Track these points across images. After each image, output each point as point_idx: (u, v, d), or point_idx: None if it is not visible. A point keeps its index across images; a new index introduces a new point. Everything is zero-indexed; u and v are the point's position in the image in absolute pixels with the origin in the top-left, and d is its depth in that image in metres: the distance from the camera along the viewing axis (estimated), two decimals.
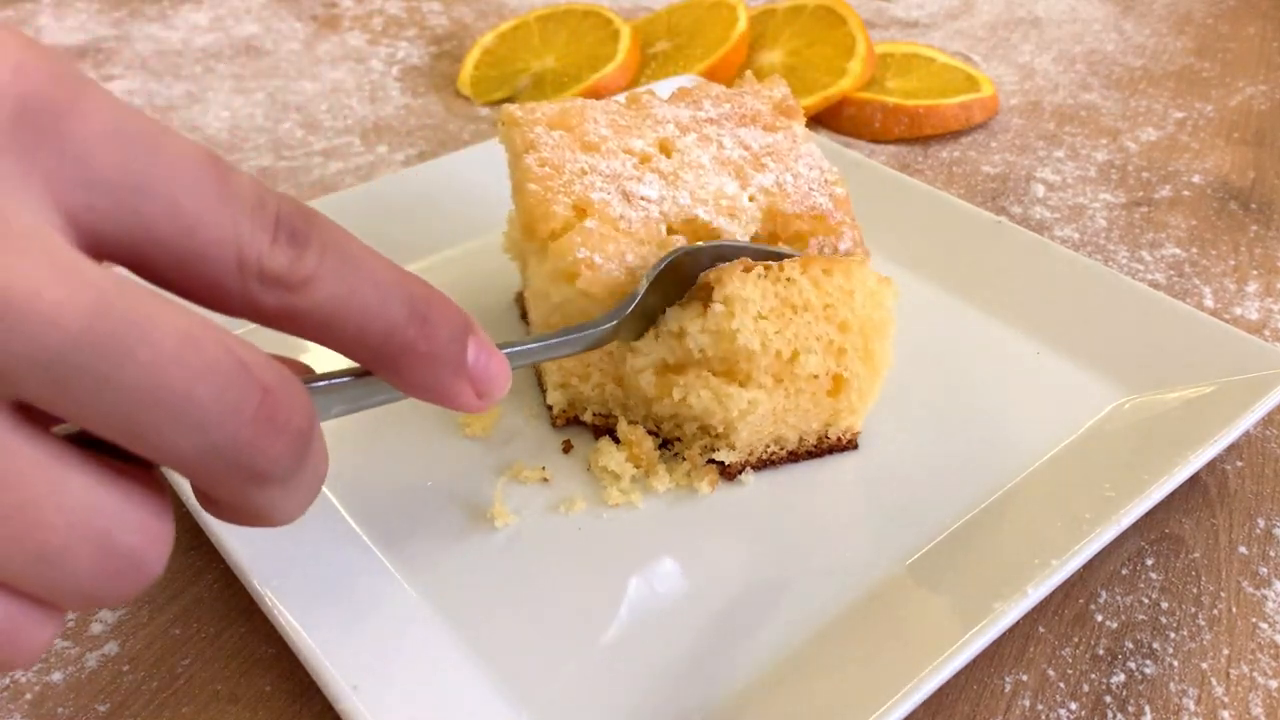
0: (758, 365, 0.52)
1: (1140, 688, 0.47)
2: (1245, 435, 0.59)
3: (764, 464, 0.56)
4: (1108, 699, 0.47)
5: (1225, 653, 0.49)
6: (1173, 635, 0.49)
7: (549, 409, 0.59)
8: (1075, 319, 0.63)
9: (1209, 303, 0.72)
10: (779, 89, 0.63)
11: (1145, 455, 0.53)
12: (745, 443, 0.54)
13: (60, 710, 0.46)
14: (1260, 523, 0.55)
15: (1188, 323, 0.60)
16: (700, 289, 0.52)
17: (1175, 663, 0.48)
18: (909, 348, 0.62)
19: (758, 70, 0.98)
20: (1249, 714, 0.46)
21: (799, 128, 0.60)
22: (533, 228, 0.54)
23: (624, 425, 0.56)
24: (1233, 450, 0.59)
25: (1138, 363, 0.60)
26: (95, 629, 0.50)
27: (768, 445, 0.55)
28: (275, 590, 0.46)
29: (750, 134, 0.59)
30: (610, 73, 0.97)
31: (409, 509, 0.53)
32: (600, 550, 0.51)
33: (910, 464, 0.56)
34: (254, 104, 1.00)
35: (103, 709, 0.46)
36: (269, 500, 0.31)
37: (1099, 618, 0.50)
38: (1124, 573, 0.52)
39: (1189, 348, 0.59)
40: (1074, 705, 0.46)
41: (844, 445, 0.57)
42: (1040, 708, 0.46)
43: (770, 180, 0.56)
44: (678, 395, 0.53)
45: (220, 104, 1.00)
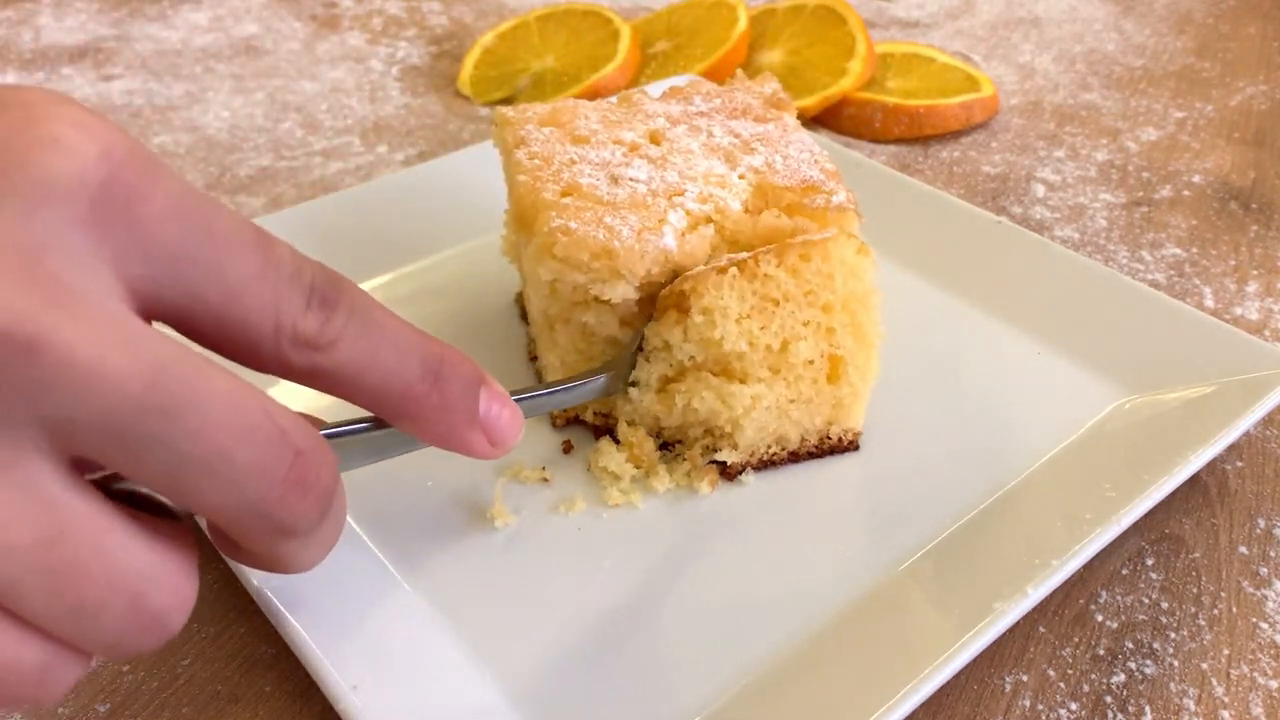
0: (751, 362, 0.52)
1: (1140, 688, 0.47)
2: (1245, 435, 0.59)
3: (765, 465, 0.56)
4: (1108, 699, 0.47)
5: (1225, 653, 0.49)
6: (1173, 635, 0.49)
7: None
8: (1075, 319, 0.63)
9: (1209, 303, 0.72)
10: (769, 85, 0.63)
11: (1145, 455, 0.53)
12: (748, 442, 0.54)
13: (60, 710, 0.46)
14: (1260, 523, 0.55)
15: (1188, 323, 0.60)
16: (672, 296, 0.52)
17: (1175, 663, 0.48)
18: (909, 348, 0.62)
19: (756, 70, 0.98)
20: (1249, 714, 0.46)
21: (790, 119, 0.60)
22: (522, 216, 0.54)
23: (624, 427, 0.56)
24: (1233, 450, 0.59)
25: (1138, 363, 0.60)
26: None
27: (769, 445, 0.55)
28: (275, 590, 0.46)
29: (740, 125, 0.59)
30: (610, 73, 0.97)
31: (409, 509, 0.53)
32: (600, 550, 0.51)
33: (910, 464, 0.56)
34: (254, 104, 1.00)
35: (103, 709, 0.46)
36: (291, 551, 0.35)
37: (1099, 618, 0.50)
38: (1124, 573, 0.52)
39: (1189, 348, 0.59)
40: (1074, 705, 0.46)
41: (846, 446, 0.57)
42: (1040, 708, 0.46)
43: (760, 161, 0.56)
44: (681, 402, 0.53)
45: (220, 104, 1.00)
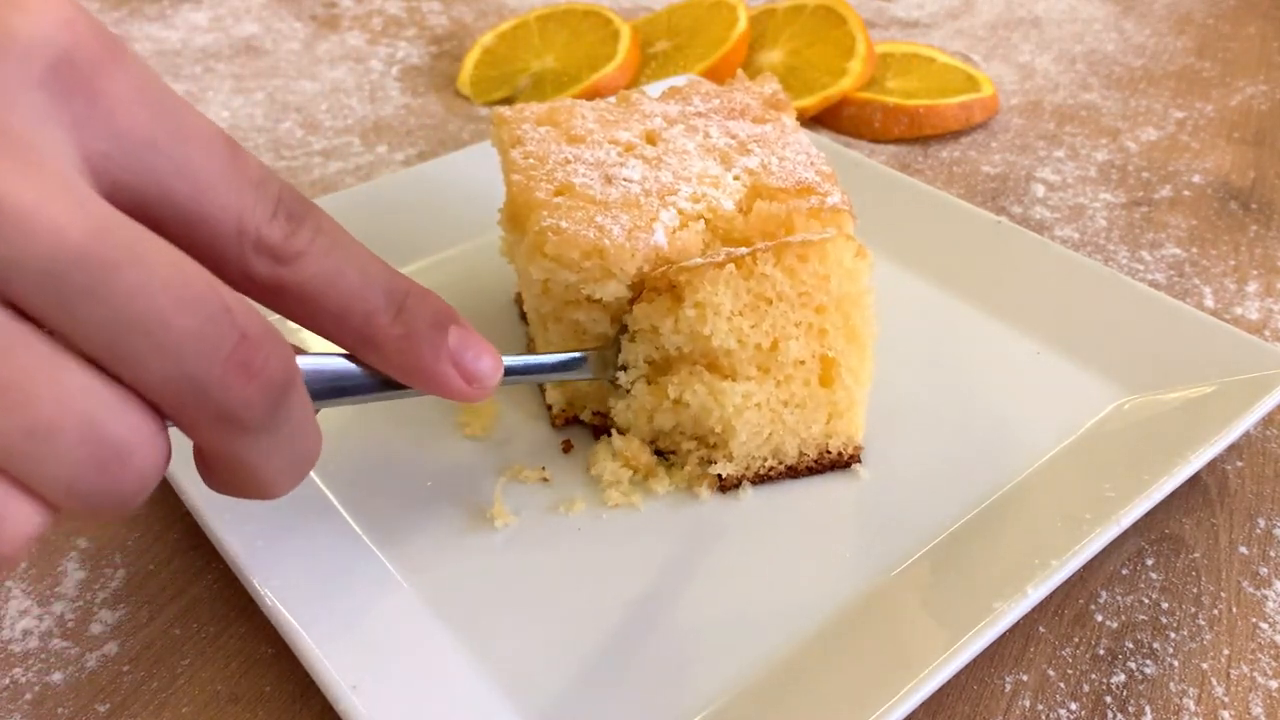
0: (739, 359, 0.52)
1: (1140, 688, 0.47)
2: (1245, 435, 0.59)
3: (762, 479, 0.55)
4: (1108, 699, 0.47)
5: (1226, 653, 0.49)
6: (1173, 635, 0.49)
7: (549, 409, 0.59)
8: (1075, 319, 0.63)
9: (1209, 303, 0.72)
10: (769, 85, 0.63)
11: (1145, 455, 0.53)
12: (743, 449, 0.54)
13: (60, 710, 0.46)
14: (1260, 523, 0.55)
15: (1188, 323, 0.60)
16: (664, 280, 0.51)
17: (1175, 663, 0.48)
18: (908, 348, 0.62)
19: (756, 70, 0.98)
20: (1249, 714, 0.46)
21: (789, 120, 0.60)
22: (515, 215, 0.54)
23: (619, 439, 0.56)
24: (1233, 450, 0.59)
25: (1138, 363, 0.60)
26: (95, 629, 0.50)
27: (765, 459, 0.55)
28: (275, 590, 0.46)
29: (738, 125, 0.59)
30: (610, 72, 0.97)
31: (409, 509, 0.53)
32: (600, 551, 0.51)
33: (909, 464, 0.56)
34: (254, 104, 1.00)
35: (103, 709, 0.46)
36: (246, 452, 0.32)
37: (1099, 618, 0.50)
38: (1124, 573, 0.52)
39: (1189, 348, 0.59)
40: (1074, 705, 0.46)
41: (846, 461, 0.55)
42: (1040, 708, 0.46)
43: (755, 162, 0.56)
44: (673, 394, 0.53)
45: (220, 104, 1.00)
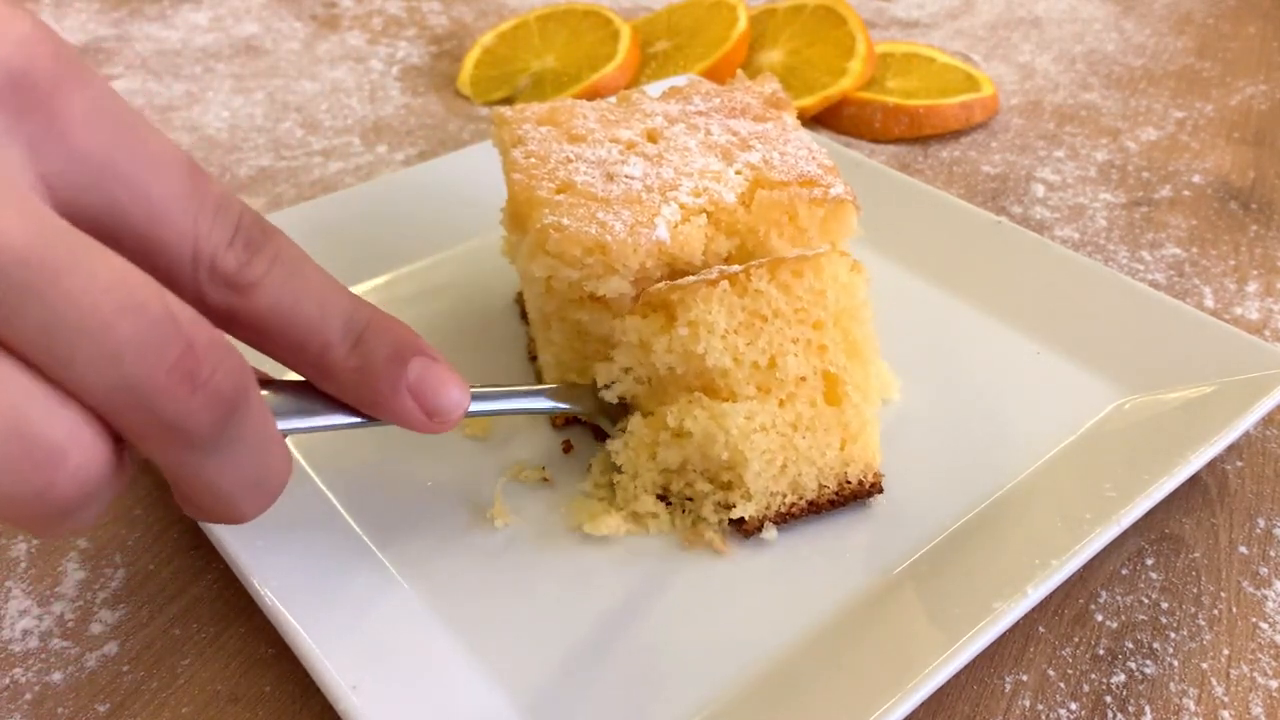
0: (736, 379, 0.50)
1: (1140, 688, 0.47)
2: (1245, 435, 0.59)
3: (784, 518, 0.52)
4: (1108, 699, 0.47)
5: (1225, 653, 0.49)
6: (1173, 635, 0.49)
7: None
8: (1075, 319, 0.63)
9: (1209, 303, 0.72)
10: (769, 85, 0.63)
11: (1145, 455, 0.53)
12: (760, 485, 0.50)
13: (60, 710, 0.46)
14: (1260, 523, 0.55)
15: (1188, 323, 0.60)
16: (658, 297, 0.50)
17: (1175, 663, 0.48)
18: (908, 347, 0.62)
19: (756, 70, 0.98)
20: (1249, 714, 0.46)
21: (789, 118, 0.60)
22: (517, 213, 0.54)
23: (622, 488, 0.53)
24: (1233, 450, 0.59)
25: (1138, 363, 0.60)
26: (95, 629, 0.50)
27: (784, 494, 0.51)
28: (275, 590, 0.46)
29: (739, 123, 0.59)
30: (610, 72, 0.97)
31: (409, 509, 0.53)
32: (600, 551, 0.51)
33: (909, 464, 0.56)
34: (254, 104, 1.00)
35: (103, 709, 0.46)
36: (198, 469, 0.32)
37: (1099, 618, 0.50)
38: (1124, 573, 0.52)
39: (1189, 348, 0.59)
40: (1074, 705, 0.46)
41: (869, 490, 0.53)
42: (1040, 708, 0.46)
43: (757, 157, 0.56)
44: (672, 423, 0.50)
45: (220, 104, 1.00)
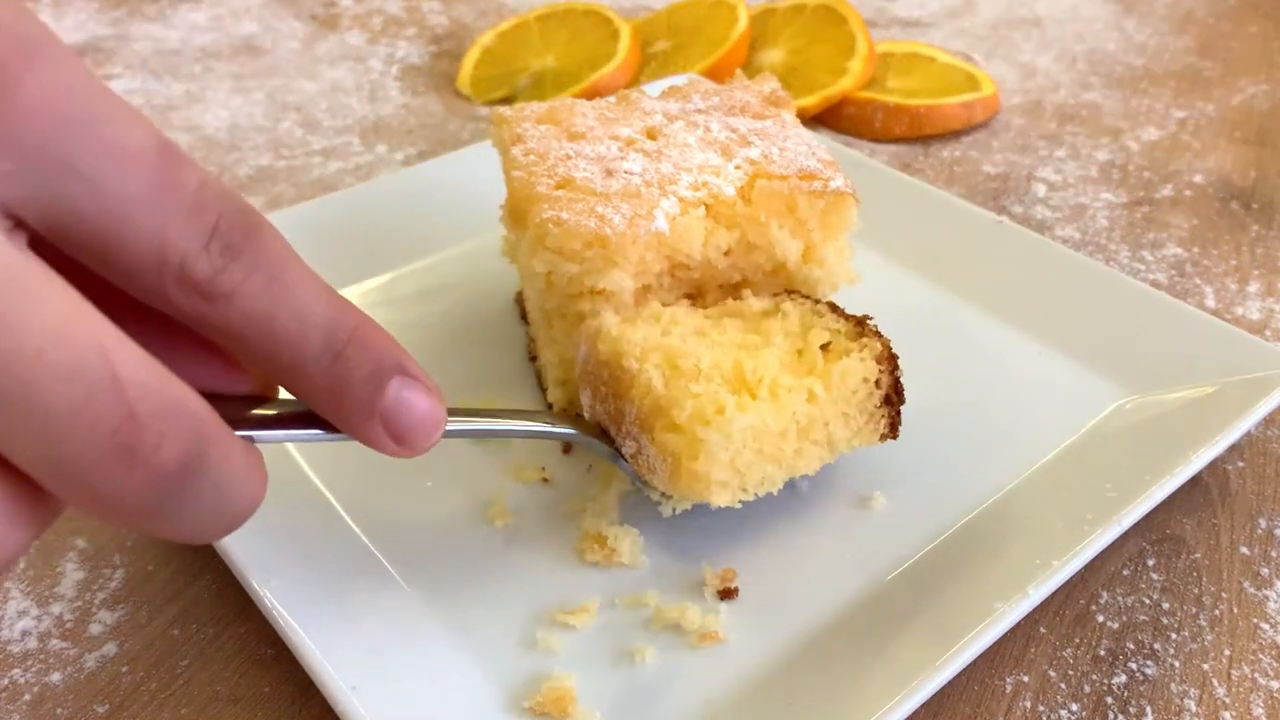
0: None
1: (1142, 689, 0.47)
2: (1247, 435, 0.59)
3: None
4: (1109, 700, 0.46)
5: (1227, 654, 0.48)
6: (1174, 636, 0.49)
7: (549, 408, 0.59)
8: (1076, 319, 0.63)
9: (1210, 302, 0.72)
10: (769, 84, 0.63)
11: (1146, 455, 0.52)
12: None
13: (59, 711, 0.46)
14: (1262, 523, 0.55)
15: (1189, 323, 0.60)
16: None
17: (1176, 664, 0.48)
18: (909, 347, 0.62)
19: (756, 69, 0.97)
20: (1250, 715, 0.46)
21: (788, 116, 0.60)
22: (516, 210, 0.54)
23: (593, 519, 0.52)
24: (1234, 450, 0.59)
25: (1139, 363, 0.60)
26: (94, 630, 0.50)
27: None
28: (274, 590, 0.46)
29: (738, 121, 0.59)
30: (610, 72, 0.97)
31: (409, 509, 0.53)
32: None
33: (910, 464, 0.56)
34: (253, 103, 1.00)
35: (102, 710, 0.46)
36: (144, 526, 0.29)
37: (1100, 618, 0.50)
38: (1125, 573, 0.52)
39: (1190, 348, 0.59)
40: (1075, 706, 0.46)
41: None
42: (1041, 709, 0.46)
43: (756, 153, 0.56)
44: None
45: (219, 103, 1.00)
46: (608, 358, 0.48)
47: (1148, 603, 0.51)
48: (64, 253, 0.29)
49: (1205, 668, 0.48)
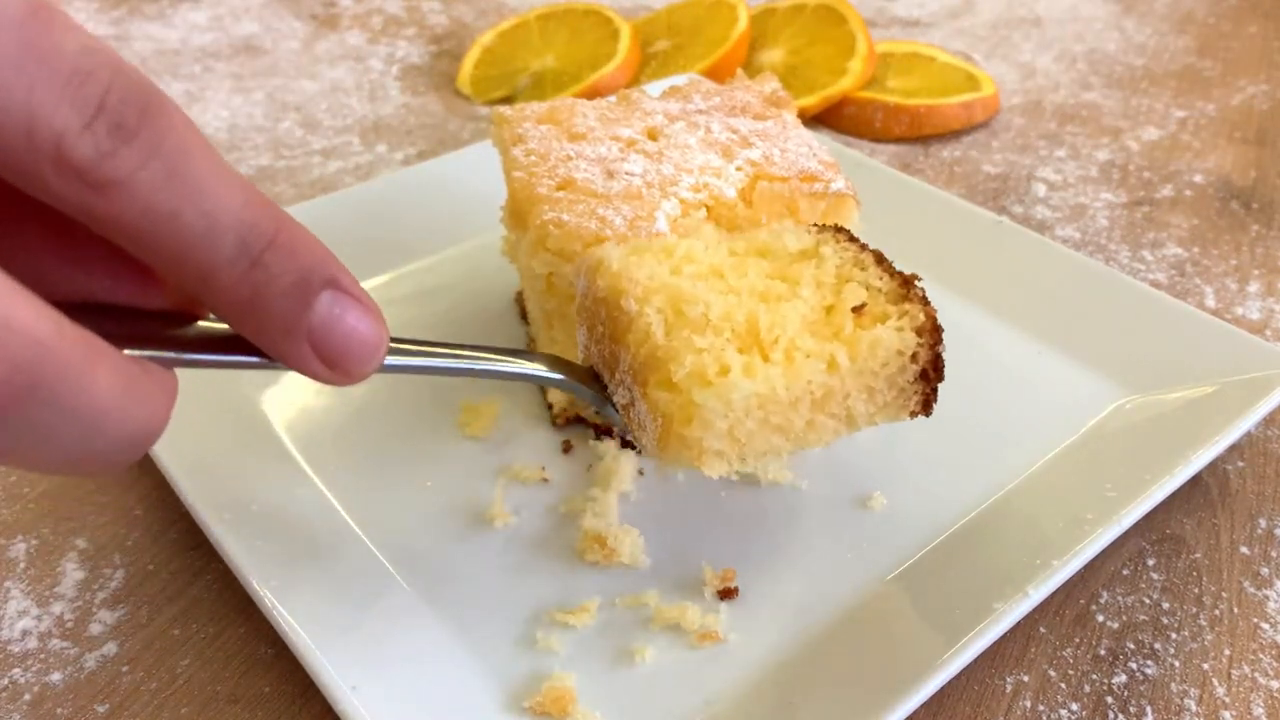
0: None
1: (1142, 688, 0.47)
2: (1247, 435, 0.59)
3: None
4: (1109, 699, 0.46)
5: (1227, 653, 0.48)
6: (1174, 636, 0.49)
7: (549, 408, 0.59)
8: (1076, 319, 0.63)
9: (1210, 302, 0.72)
10: (769, 84, 0.63)
11: (1146, 455, 0.53)
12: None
13: (59, 711, 0.46)
14: (1262, 523, 0.55)
15: (1189, 323, 0.60)
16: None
17: (1177, 663, 0.48)
18: None
19: (756, 69, 0.97)
20: (1250, 715, 0.46)
21: (789, 116, 0.60)
22: (517, 211, 0.54)
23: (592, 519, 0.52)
24: (1234, 450, 0.59)
25: (1139, 363, 0.60)
26: (94, 629, 0.50)
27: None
28: (274, 590, 0.46)
29: (739, 121, 0.59)
30: (610, 72, 0.97)
31: (408, 509, 0.53)
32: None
33: (909, 464, 0.56)
34: (253, 103, 1.00)
35: (102, 709, 0.46)
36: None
37: (1100, 618, 0.50)
38: (1125, 573, 0.52)
39: (1190, 348, 0.59)
40: (1075, 706, 0.46)
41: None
42: (1041, 708, 0.46)
43: (757, 154, 0.56)
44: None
45: (219, 103, 1.00)
46: (606, 294, 0.44)
47: (1148, 602, 0.51)
48: None
49: (1205, 667, 0.48)
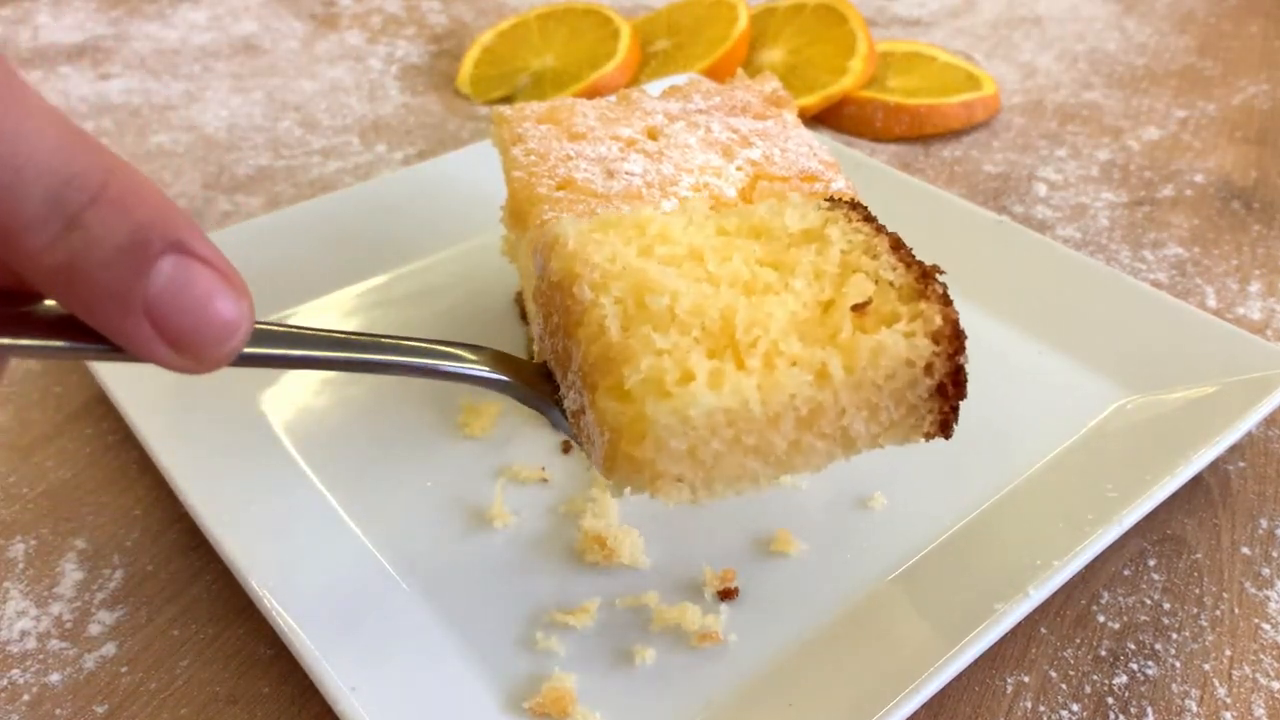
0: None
1: (1142, 689, 0.47)
2: (1248, 435, 0.59)
3: None
4: (1110, 700, 0.46)
5: (1228, 654, 0.48)
6: (1175, 636, 0.49)
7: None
8: (1077, 319, 0.63)
9: (1211, 302, 0.71)
10: (770, 83, 0.63)
11: (1147, 455, 0.52)
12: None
13: (58, 712, 0.46)
14: (1263, 523, 0.55)
15: (1190, 323, 0.60)
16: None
17: (1177, 664, 0.48)
18: None
19: (757, 69, 0.97)
20: (1251, 715, 0.46)
21: (789, 116, 0.60)
22: (517, 211, 0.54)
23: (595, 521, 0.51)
24: (1235, 450, 0.59)
25: (1140, 363, 0.60)
26: (93, 630, 0.49)
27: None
28: (274, 591, 0.45)
29: (739, 121, 0.59)
30: (610, 71, 0.97)
31: (408, 509, 0.53)
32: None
33: (910, 465, 0.55)
34: (252, 103, 1.00)
35: (101, 710, 0.46)
36: None
37: (1101, 619, 0.50)
38: (1126, 573, 0.52)
39: (1191, 348, 0.59)
40: (1076, 707, 0.46)
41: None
42: (1042, 709, 0.46)
43: (757, 154, 0.56)
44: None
45: (219, 103, 1.00)
46: (560, 278, 0.36)
47: (1149, 603, 0.51)
48: None
49: (1206, 668, 0.48)
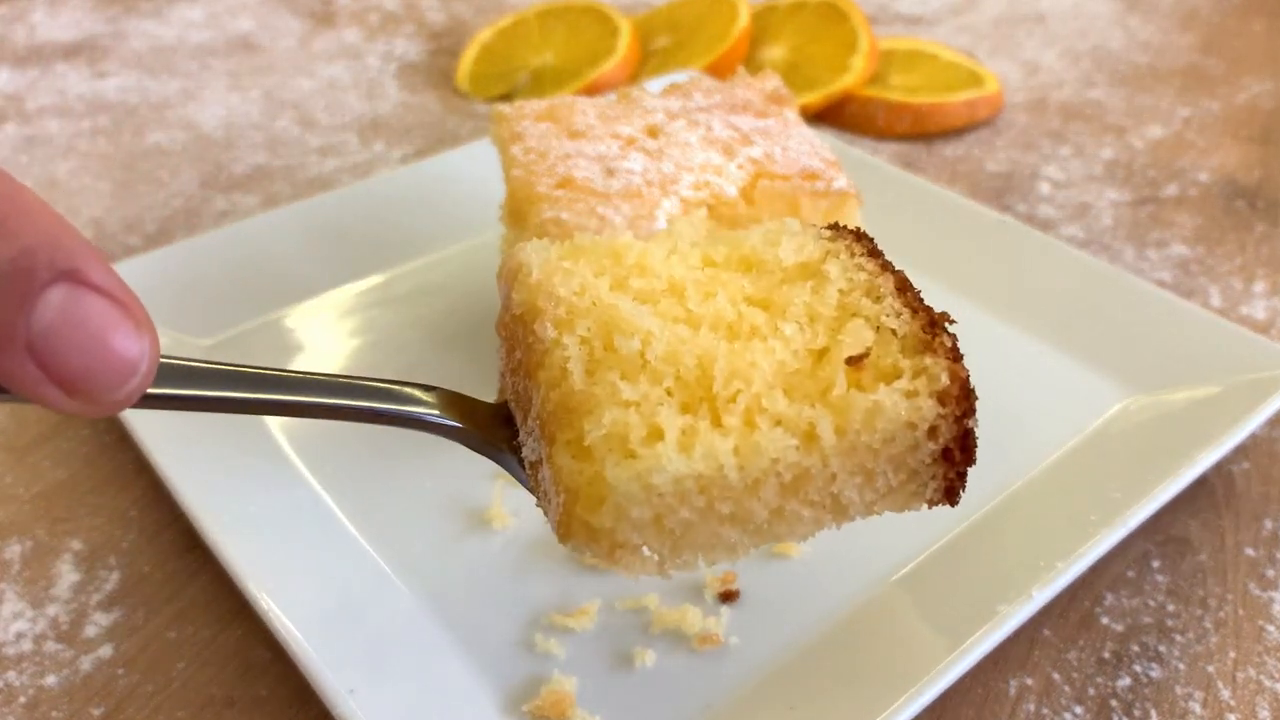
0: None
1: (1146, 691, 0.46)
2: (1252, 436, 0.59)
3: None
4: (1113, 703, 0.46)
5: (1232, 656, 0.48)
6: (1179, 638, 0.49)
7: None
8: (1081, 318, 0.63)
9: (1216, 302, 0.71)
10: (771, 81, 0.63)
11: (1151, 456, 0.52)
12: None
13: (54, 714, 0.46)
14: (1267, 524, 0.54)
15: (1194, 322, 0.60)
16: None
17: (1181, 666, 0.48)
18: None
19: (758, 67, 0.97)
20: (1255, 717, 0.45)
21: (791, 114, 0.60)
22: (517, 210, 0.53)
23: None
24: (1239, 451, 0.58)
25: (1144, 362, 0.59)
26: (89, 632, 0.49)
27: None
28: (271, 593, 0.45)
29: (740, 119, 0.59)
30: (610, 69, 0.96)
31: (406, 511, 0.53)
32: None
33: None
34: (250, 101, 1.00)
35: (97, 712, 0.46)
36: None
37: (1104, 620, 0.50)
38: (1130, 575, 0.52)
39: (1195, 347, 0.58)
40: (1079, 709, 0.46)
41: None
42: (1045, 711, 0.46)
43: (758, 152, 0.56)
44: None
45: (216, 101, 1.00)
46: (522, 312, 0.33)
47: (1152, 605, 0.50)
48: None
49: (1210, 670, 0.47)
